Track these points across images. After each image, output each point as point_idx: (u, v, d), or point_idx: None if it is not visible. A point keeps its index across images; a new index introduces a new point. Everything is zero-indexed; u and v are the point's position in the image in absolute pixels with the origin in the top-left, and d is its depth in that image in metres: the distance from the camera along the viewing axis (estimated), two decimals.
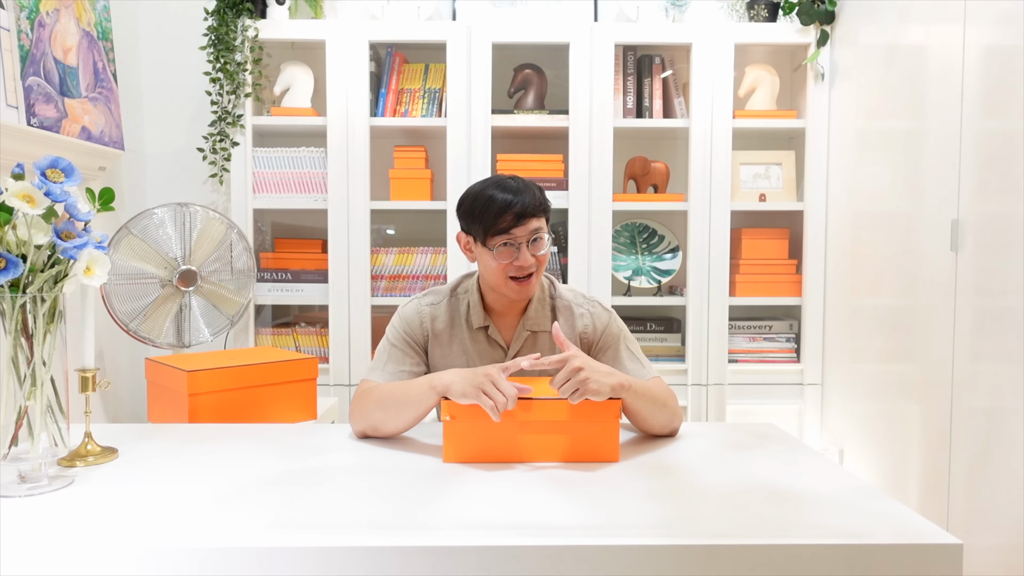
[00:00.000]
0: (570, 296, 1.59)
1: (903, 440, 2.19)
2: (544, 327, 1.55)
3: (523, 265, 1.44)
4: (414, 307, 1.56)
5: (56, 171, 1.13)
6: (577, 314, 1.56)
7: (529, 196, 1.44)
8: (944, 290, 1.98)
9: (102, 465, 1.25)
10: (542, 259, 1.48)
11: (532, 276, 1.47)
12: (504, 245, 1.44)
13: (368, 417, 1.41)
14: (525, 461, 1.26)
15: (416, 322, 1.54)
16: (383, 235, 2.97)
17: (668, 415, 1.42)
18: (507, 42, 2.72)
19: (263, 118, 2.75)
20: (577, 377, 1.23)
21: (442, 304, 1.56)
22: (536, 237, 1.45)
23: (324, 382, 2.66)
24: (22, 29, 1.99)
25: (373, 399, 1.42)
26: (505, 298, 1.52)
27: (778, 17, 2.81)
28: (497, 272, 1.46)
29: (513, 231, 1.43)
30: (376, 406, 1.41)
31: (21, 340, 1.12)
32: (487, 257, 1.47)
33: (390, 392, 1.42)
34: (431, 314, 1.55)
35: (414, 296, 1.59)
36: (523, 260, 1.44)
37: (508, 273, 1.46)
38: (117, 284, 2.35)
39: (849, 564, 0.94)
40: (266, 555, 0.93)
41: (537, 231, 1.45)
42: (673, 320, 2.90)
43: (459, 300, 1.57)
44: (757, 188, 2.83)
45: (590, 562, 0.92)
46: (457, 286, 1.59)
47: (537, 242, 1.45)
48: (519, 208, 1.42)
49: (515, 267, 1.44)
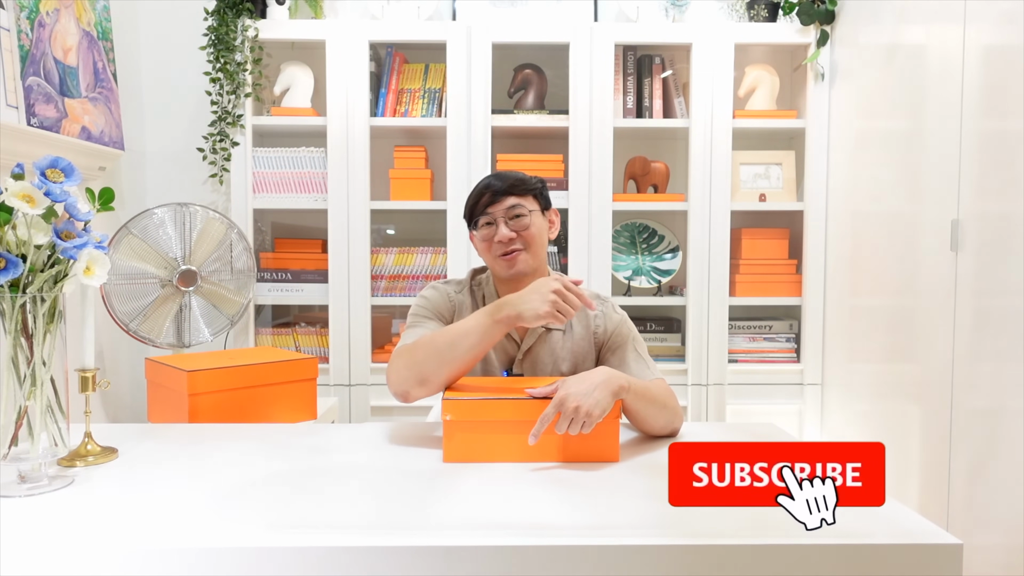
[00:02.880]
0: None
1: (903, 440, 2.19)
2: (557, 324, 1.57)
3: (501, 239, 1.51)
4: (441, 290, 1.61)
5: (56, 171, 1.13)
6: (591, 314, 1.58)
7: (510, 179, 1.53)
8: (944, 290, 1.98)
9: (102, 465, 1.25)
10: (528, 236, 1.52)
11: (519, 252, 1.52)
12: (486, 225, 1.53)
13: (418, 368, 1.37)
14: (525, 461, 1.26)
15: (445, 301, 1.59)
16: (383, 235, 2.97)
17: (668, 416, 1.42)
18: (507, 42, 2.72)
19: (263, 118, 2.75)
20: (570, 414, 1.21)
21: (464, 291, 1.62)
22: (516, 214, 1.51)
23: (324, 382, 2.66)
24: (22, 29, 1.99)
25: (422, 349, 1.39)
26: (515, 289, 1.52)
27: (778, 17, 2.81)
28: (485, 252, 1.56)
29: (489, 209, 1.52)
30: (428, 355, 1.37)
31: (21, 340, 1.12)
32: (478, 240, 1.57)
33: (445, 336, 1.38)
34: (457, 299, 1.60)
35: (433, 283, 1.63)
36: (500, 235, 1.51)
37: (494, 252, 1.53)
38: (117, 284, 2.35)
39: (849, 564, 0.93)
40: (266, 555, 0.92)
41: (514, 207, 1.52)
42: (673, 320, 2.90)
43: (474, 291, 1.62)
44: (757, 188, 2.83)
45: (590, 562, 0.92)
46: (472, 278, 1.65)
47: (517, 219, 1.51)
48: (494, 187, 1.52)
49: (496, 243, 1.52)
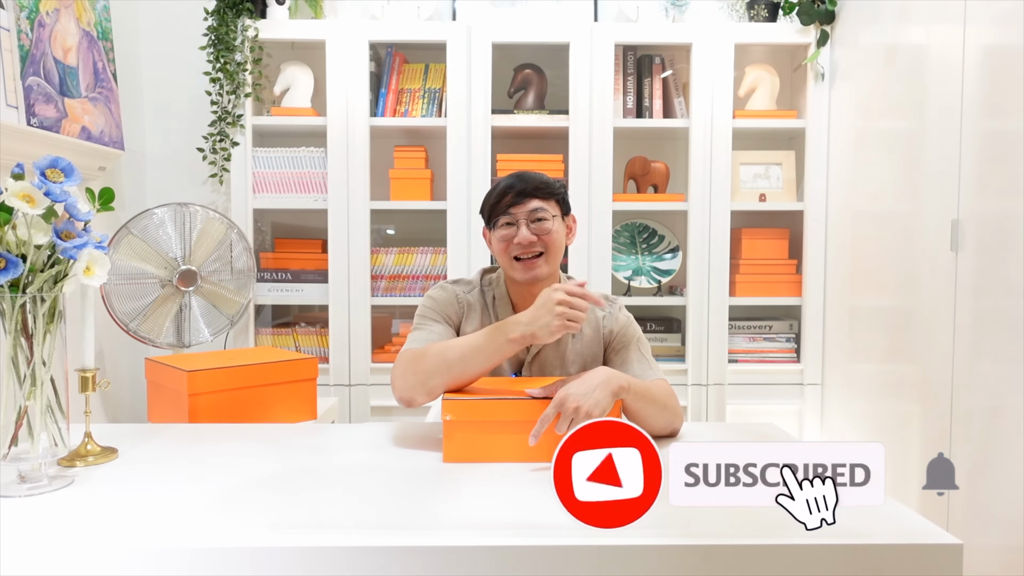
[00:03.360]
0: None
1: (903, 440, 2.19)
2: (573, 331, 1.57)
3: (521, 242, 1.47)
4: (450, 290, 1.58)
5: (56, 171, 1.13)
6: (600, 315, 1.58)
7: (534, 181, 1.50)
8: (944, 290, 1.98)
9: (102, 465, 1.25)
10: (549, 241, 1.50)
11: (538, 257, 1.49)
12: (506, 225, 1.49)
13: (425, 377, 1.36)
14: (525, 461, 1.26)
15: (453, 302, 1.57)
16: (383, 235, 2.97)
17: (669, 416, 1.42)
18: (507, 42, 2.72)
19: (263, 118, 2.75)
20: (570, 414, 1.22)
21: (474, 292, 1.60)
22: (538, 217, 1.48)
23: (324, 382, 2.66)
24: (22, 29, 1.99)
25: (431, 360, 1.37)
26: (525, 295, 1.54)
27: (778, 17, 2.81)
28: (502, 253, 1.51)
29: (511, 210, 1.49)
30: (437, 367, 1.36)
31: (21, 340, 1.12)
32: (494, 240, 1.52)
33: (455, 350, 1.37)
34: (466, 299, 1.58)
35: (441, 283, 1.61)
36: (521, 237, 1.47)
37: (511, 253, 1.50)
38: (117, 284, 2.35)
39: (849, 564, 0.93)
40: (266, 555, 0.92)
41: (537, 211, 1.49)
42: (673, 320, 2.90)
43: (484, 292, 1.60)
44: (757, 188, 2.83)
45: (590, 562, 0.92)
46: (482, 278, 1.62)
47: (539, 222, 1.49)
48: (518, 188, 1.49)
49: (515, 245, 1.48)
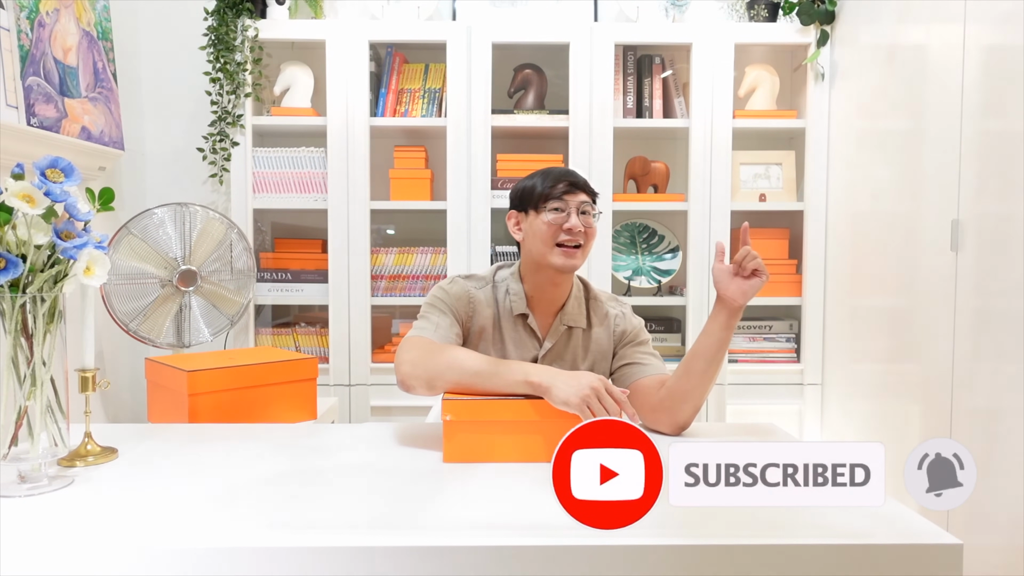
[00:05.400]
0: (604, 298, 1.66)
1: (903, 440, 2.18)
2: (580, 323, 1.59)
3: (572, 228, 1.50)
4: (460, 285, 1.58)
5: (56, 171, 1.13)
6: (612, 316, 1.62)
7: (582, 178, 1.56)
8: (944, 290, 1.98)
9: (102, 465, 1.25)
10: (590, 233, 1.54)
11: (579, 248, 1.52)
12: (556, 210, 1.51)
13: (435, 380, 1.36)
14: (525, 461, 1.26)
15: (464, 299, 1.56)
16: (383, 235, 2.97)
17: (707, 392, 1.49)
18: (507, 42, 2.72)
19: (263, 118, 2.75)
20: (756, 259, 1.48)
21: (486, 288, 1.59)
22: (585, 210, 1.53)
23: (324, 382, 2.66)
24: (22, 29, 1.99)
25: (444, 363, 1.37)
26: (545, 288, 1.55)
27: (778, 17, 2.81)
28: (547, 237, 1.51)
29: (566, 196, 1.52)
30: (449, 373, 1.35)
31: (21, 340, 1.11)
32: (538, 223, 1.52)
33: (472, 365, 1.35)
34: (477, 296, 1.57)
35: (453, 277, 1.61)
36: (572, 223, 1.50)
37: (557, 239, 1.51)
38: (117, 284, 2.35)
39: (849, 564, 0.93)
40: (266, 555, 0.92)
41: (586, 204, 1.53)
42: (673, 320, 2.90)
43: (497, 287, 1.60)
44: (757, 188, 2.83)
45: (590, 562, 0.92)
46: (494, 274, 1.62)
47: (585, 215, 1.53)
48: (573, 178, 1.54)
49: (565, 231, 1.50)
